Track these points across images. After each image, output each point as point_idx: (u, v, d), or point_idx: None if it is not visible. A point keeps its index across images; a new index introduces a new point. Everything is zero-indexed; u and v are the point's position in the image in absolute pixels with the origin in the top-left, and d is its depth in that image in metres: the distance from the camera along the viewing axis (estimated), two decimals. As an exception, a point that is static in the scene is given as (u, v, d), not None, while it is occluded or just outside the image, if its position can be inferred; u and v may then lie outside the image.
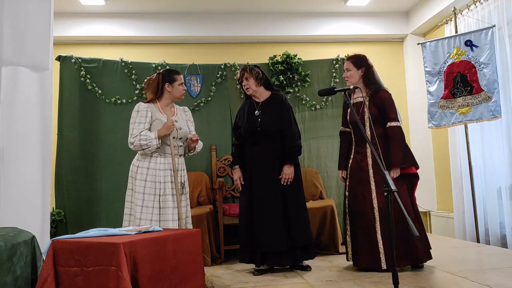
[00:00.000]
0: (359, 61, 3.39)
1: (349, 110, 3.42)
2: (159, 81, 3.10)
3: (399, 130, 3.28)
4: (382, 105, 3.29)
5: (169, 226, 2.88)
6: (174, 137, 3.02)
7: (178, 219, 2.95)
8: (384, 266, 3.14)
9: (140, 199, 2.92)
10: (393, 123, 3.27)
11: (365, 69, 3.38)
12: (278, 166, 3.37)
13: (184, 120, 3.18)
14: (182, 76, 3.16)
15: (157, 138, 2.93)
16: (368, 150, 3.30)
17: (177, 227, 2.92)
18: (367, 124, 3.30)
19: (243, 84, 3.49)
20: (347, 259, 3.41)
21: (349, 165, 3.42)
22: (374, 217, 3.21)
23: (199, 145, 3.20)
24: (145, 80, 3.24)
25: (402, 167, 3.24)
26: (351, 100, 3.42)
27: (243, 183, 3.46)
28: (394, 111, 3.30)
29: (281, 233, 3.30)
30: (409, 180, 3.35)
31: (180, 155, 3.11)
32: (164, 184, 2.96)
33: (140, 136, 2.94)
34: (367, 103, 3.31)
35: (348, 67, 3.40)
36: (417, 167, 3.35)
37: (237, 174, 3.50)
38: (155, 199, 2.93)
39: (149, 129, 3.00)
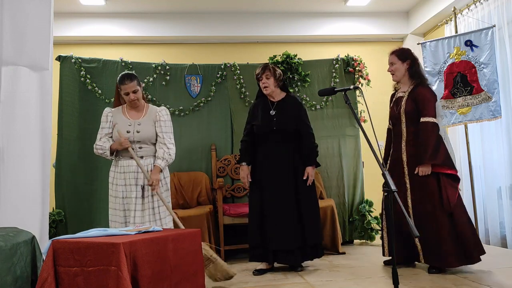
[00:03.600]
0: (404, 54, 3.34)
1: (391, 106, 3.38)
2: (116, 85, 3.20)
3: (430, 126, 3.17)
4: (418, 100, 3.23)
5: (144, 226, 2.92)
6: (131, 141, 3.06)
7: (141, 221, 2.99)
8: (422, 261, 3.14)
9: (112, 202, 3.08)
10: (426, 119, 3.18)
11: (411, 61, 3.33)
12: (292, 166, 3.40)
13: (151, 122, 3.13)
14: (130, 85, 3.05)
15: (109, 150, 3.06)
16: (403, 146, 3.24)
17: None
18: (403, 119, 3.26)
19: (262, 81, 3.47)
20: (383, 255, 3.43)
21: (388, 162, 3.39)
22: (410, 215, 3.15)
23: (166, 158, 3.08)
24: None
25: (434, 164, 3.12)
26: (396, 95, 3.39)
27: (250, 180, 3.45)
28: (429, 106, 3.20)
29: (292, 231, 3.31)
30: (450, 179, 3.17)
31: (141, 157, 3.08)
32: (125, 187, 3.03)
33: (97, 145, 3.11)
34: (406, 98, 3.28)
35: (393, 60, 3.34)
36: (454, 169, 3.19)
37: (244, 171, 3.48)
38: (120, 202, 3.03)
39: (112, 133, 3.14)
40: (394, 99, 3.41)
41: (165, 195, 3.13)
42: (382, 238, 3.47)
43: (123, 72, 3.22)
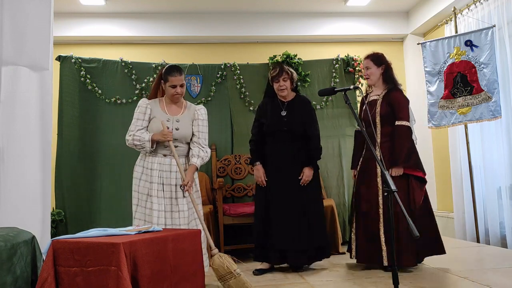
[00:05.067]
0: (379, 59, 3.42)
1: (363, 108, 3.44)
2: (159, 76, 3.06)
3: (405, 129, 3.27)
4: (393, 104, 3.30)
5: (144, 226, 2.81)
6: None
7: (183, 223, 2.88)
8: (385, 263, 3.16)
9: (136, 198, 2.93)
10: (400, 122, 3.27)
11: (385, 66, 3.41)
12: (299, 165, 3.40)
13: (189, 120, 3.03)
14: (179, 78, 2.94)
15: (150, 141, 2.87)
16: (377, 149, 3.30)
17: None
18: (378, 121, 3.33)
19: (279, 84, 3.45)
20: (351, 257, 3.42)
21: (360, 163, 3.46)
22: (379, 215, 3.21)
23: (202, 156, 2.99)
24: None
25: (406, 166, 3.22)
26: (368, 98, 3.46)
27: (266, 179, 3.43)
28: (404, 110, 3.30)
29: (298, 231, 3.32)
30: (418, 181, 3.30)
31: (181, 156, 2.99)
32: (151, 185, 2.89)
33: (134, 136, 2.91)
34: (380, 101, 3.35)
35: (368, 65, 3.42)
36: (423, 172, 3.31)
37: (260, 171, 3.45)
38: (147, 199, 2.89)
39: (147, 127, 2.97)
40: (367, 101, 3.44)
41: (196, 196, 3.02)
42: (350, 239, 3.45)
43: (171, 64, 3.07)
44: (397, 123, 3.28)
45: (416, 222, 3.19)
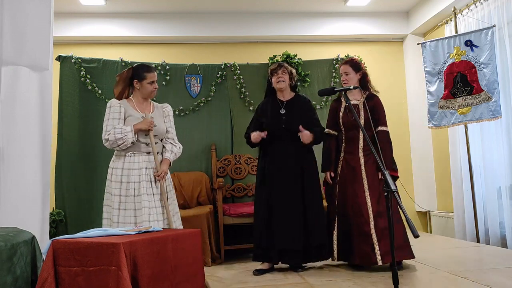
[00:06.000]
0: (357, 65, 3.55)
1: (341, 112, 3.53)
2: (128, 77, 3.04)
3: (387, 135, 3.45)
4: (375, 109, 3.43)
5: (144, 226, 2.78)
6: (147, 135, 2.94)
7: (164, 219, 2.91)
8: (380, 262, 3.17)
9: (117, 202, 2.85)
10: (382, 128, 3.43)
11: (362, 73, 3.54)
12: (299, 165, 3.42)
13: (161, 117, 3.10)
14: (155, 74, 3.07)
15: (133, 132, 2.86)
16: (360, 150, 3.40)
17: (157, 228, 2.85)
18: (361, 126, 3.36)
19: (278, 76, 3.48)
20: (332, 259, 3.43)
21: (340, 165, 3.50)
22: (368, 215, 3.26)
23: (175, 152, 3.10)
24: (117, 74, 3.14)
25: (391, 169, 3.35)
26: (343, 103, 3.55)
27: (267, 178, 3.42)
28: (384, 116, 3.47)
29: (298, 231, 3.33)
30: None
31: (157, 153, 2.99)
32: (139, 184, 2.86)
33: (115, 130, 2.86)
34: (362, 106, 3.44)
35: (347, 70, 3.52)
36: (397, 172, 3.51)
37: (255, 133, 3.42)
38: (132, 201, 2.85)
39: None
40: (342, 106, 3.52)
41: (170, 194, 3.07)
42: (331, 240, 3.42)
43: (143, 63, 3.14)
44: (380, 128, 3.42)
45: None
